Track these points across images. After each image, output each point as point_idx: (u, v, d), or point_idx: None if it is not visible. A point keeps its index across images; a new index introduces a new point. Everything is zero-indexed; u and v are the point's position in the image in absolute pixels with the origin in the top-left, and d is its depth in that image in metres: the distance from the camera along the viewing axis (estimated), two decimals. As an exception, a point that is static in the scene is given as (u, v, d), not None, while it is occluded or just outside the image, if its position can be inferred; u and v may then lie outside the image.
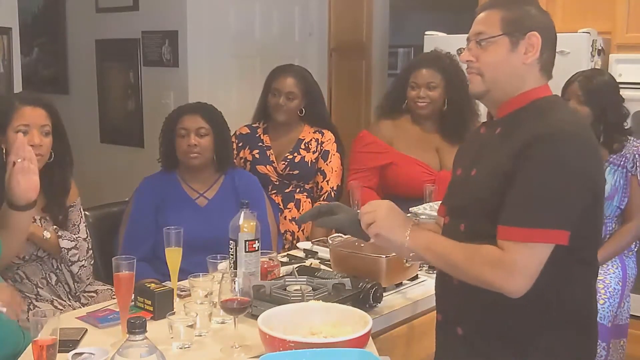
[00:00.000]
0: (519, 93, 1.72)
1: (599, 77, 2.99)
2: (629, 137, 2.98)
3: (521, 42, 1.69)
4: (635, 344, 3.23)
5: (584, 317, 1.73)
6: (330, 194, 3.22)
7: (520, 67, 1.70)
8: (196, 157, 2.72)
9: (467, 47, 1.76)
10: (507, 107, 1.73)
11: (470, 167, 1.78)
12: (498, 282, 1.60)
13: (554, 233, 1.57)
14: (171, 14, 4.22)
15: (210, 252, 2.23)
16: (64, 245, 2.34)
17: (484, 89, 1.74)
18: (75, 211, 2.47)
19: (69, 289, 2.42)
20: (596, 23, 3.87)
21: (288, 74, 3.21)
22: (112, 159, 4.71)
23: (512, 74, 1.71)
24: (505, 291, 1.60)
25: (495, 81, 1.72)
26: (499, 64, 1.70)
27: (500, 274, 1.59)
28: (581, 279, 1.71)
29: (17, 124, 2.23)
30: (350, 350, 1.51)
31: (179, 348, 1.79)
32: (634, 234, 2.97)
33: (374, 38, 5.09)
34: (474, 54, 1.73)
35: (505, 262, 1.58)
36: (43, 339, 1.60)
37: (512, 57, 1.69)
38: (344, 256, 2.29)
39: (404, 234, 1.73)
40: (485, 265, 1.61)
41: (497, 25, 1.69)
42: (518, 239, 1.58)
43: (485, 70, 1.72)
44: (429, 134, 3.26)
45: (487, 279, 1.61)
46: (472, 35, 1.74)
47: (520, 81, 1.71)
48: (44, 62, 5.12)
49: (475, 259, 1.63)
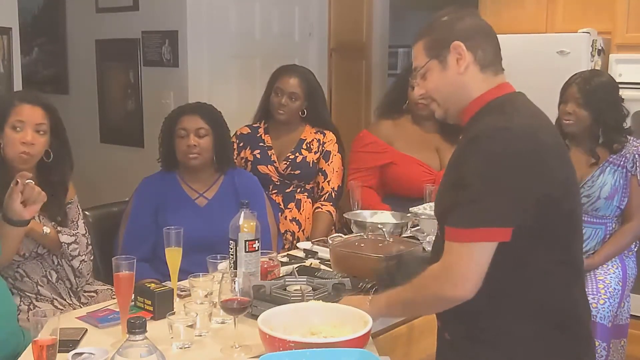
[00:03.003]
0: (471, 100, 1.74)
1: (597, 78, 2.98)
2: (628, 137, 2.97)
3: (449, 57, 1.72)
4: (636, 344, 3.23)
5: (569, 319, 1.70)
6: (331, 194, 3.22)
7: (458, 79, 1.73)
8: (196, 158, 2.72)
9: (416, 84, 1.85)
10: (466, 115, 1.76)
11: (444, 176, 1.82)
12: (447, 293, 1.60)
13: (492, 231, 1.56)
14: (171, 14, 4.22)
15: (210, 252, 2.23)
16: (64, 240, 2.35)
17: (443, 111, 1.81)
18: (73, 208, 2.47)
19: (70, 285, 2.43)
20: (596, 23, 3.88)
21: (292, 74, 3.21)
22: (112, 159, 4.71)
23: (454, 88, 1.75)
24: (456, 299, 1.60)
25: (445, 101, 1.78)
26: (440, 85, 1.76)
27: (444, 284, 1.60)
28: (560, 281, 1.68)
29: (13, 119, 2.25)
30: (350, 350, 1.51)
31: (179, 348, 1.79)
32: (634, 234, 2.97)
33: (374, 38, 5.10)
34: (421, 87, 1.81)
35: (445, 270, 1.60)
36: (43, 339, 1.60)
37: (447, 74, 1.74)
38: (344, 256, 2.29)
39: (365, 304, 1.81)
40: (430, 284, 1.65)
41: (423, 54, 1.77)
42: (457, 239, 1.59)
43: (434, 96, 1.79)
44: (429, 134, 3.26)
45: (437, 295, 1.63)
46: (414, 72, 1.83)
47: (464, 91, 1.74)
48: (44, 62, 5.12)
49: (421, 284, 1.67)
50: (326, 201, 3.20)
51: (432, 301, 1.68)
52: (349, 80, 5.13)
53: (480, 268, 1.57)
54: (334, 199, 3.22)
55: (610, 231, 2.96)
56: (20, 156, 2.25)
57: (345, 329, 1.69)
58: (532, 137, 1.61)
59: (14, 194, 2.08)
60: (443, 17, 1.77)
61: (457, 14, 1.77)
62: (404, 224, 2.80)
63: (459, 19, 1.75)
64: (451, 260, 1.60)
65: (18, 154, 2.25)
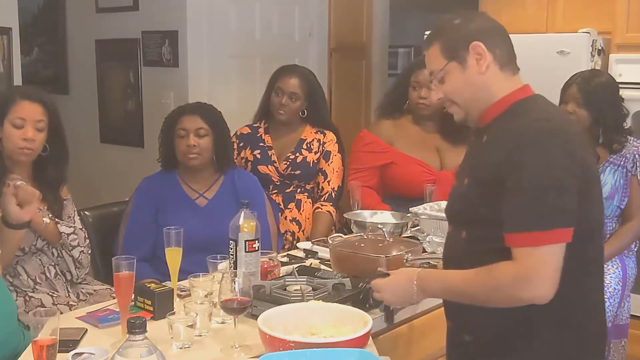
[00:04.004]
0: (494, 101, 1.73)
1: (597, 79, 2.98)
2: (628, 137, 2.97)
3: (468, 57, 1.71)
4: (636, 344, 3.23)
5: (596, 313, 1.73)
6: (331, 195, 3.22)
7: (480, 79, 1.72)
8: (195, 158, 2.72)
9: (431, 89, 1.82)
10: (488, 116, 1.75)
11: (463, 176, 1.80)
12: (525, 295, 1.58)
13: (560, 232, 1.56)
14: (171, 14, 4.22)
15: (210, 252, 2.23)
16: (63, 230, 2.40)
17: (463, 114, 1.79)
18: (69, 205, 2.51)
19: (70, 276, 2.45)
20: (596, 23, 3.88)
21: (293, 75, 3.21)
22: (112, 159, 4.71)
23: (477, 89, 1.73)
24: (535, 301, 1.59)
25: (467, 102, 1.76)
26: (461, 87, 1.74)
27: (523, 286, 1.57)
28: (590, 275, 1.70)
29: (14, 116, 2.30)
30: (350, 350, 1.51)
31: (179, 348, 1.79)
32: (634, 233, 2.97)
33: (374, 38, 5.10)
34: (439, 91, 1.78)
35: (523, 272, 1.57)
36: (43, 339, 1.60)
37: (468, 75, 1.72)
38: (344, 256, 2.29)
39: (411, 298, 1.82)
40: (506, 287, 1.60)
41: (440, 56, 1.75)
42: (528, 244, 1.57)
43: (454, 98, 1.77)
44: (430, 134, 3.26)
45: (514, 296, 1.59)
46: (429, 77, 1.81)
47: (487, 91, 1.73)
48: (44, 62, 5.12)
49: (493, 285, 1.63)
50: (326, 201, 3.20)
51: (504, 302, 1.63)
52: (349, 80, 5.13)
53: (559, 269, 1.57)
54: (334, 199, 3.22)
55: (610, 231, 2.96)
56: (22, 151, 2.31)
57: (345, 329, 1.69)
58: (575, 135, 1.65)
59: (7, 197, 2.11)
60: (455, 20, 1.76)
61: (469, 15, 1.76)
62: (404, 224, 2.80)
63: (471, 20, 1.75)
64: (532, 264, 1.56)
65: (20, 149, 2.30)
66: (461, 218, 1.78)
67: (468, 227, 1.75)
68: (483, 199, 1.67)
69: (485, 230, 1.67)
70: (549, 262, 1.57)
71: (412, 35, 5.63)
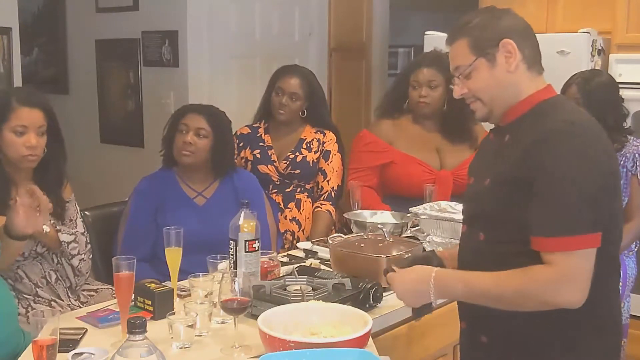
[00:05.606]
0: (519, 100, 1.71)
1: (597, 78, 2.99)
2: (628, 137, 2.97)
3: (497, 54, 1.69)
4: (635, 344, 3.23)
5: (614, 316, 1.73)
6: (330, 194, 3.22)
7: (508, 77, 1.70)
8: (188, 156, 2.70)
9: (455, 83, 1.77)
10: (511, 114, 1.72)
11: (483, 176, 1.76)
12: (560, 299, 1.56)
13: (593, 237, 1.55)
14: (171, 14, 4.22)
15: (210, 252, 2.22)
16: (64, 239, 2.36)
17: (487, 111, 1.75)
18: (71, 207, 2.49)
19: (69, 283, 2.44)
20: (596, 23, 3.88)
21: (293, 75, 3.21)
22: (112, 159, 4.71)
23: (504, 87, 1.71)
24: (568, 305, 1.57)
25: (493, 100, 1.73)
26: (488, 85, 1.71)
27: (560, 290, 1.55)
28: (609, 277, 1.69)
29: (15, 124, 2.26)
30: (350, 350, 1.51)
31: (179, 348, 1.79)
32: (634, 234, 2.97)
33: (374, 38, 5.10)
34: (463, 87, 1.75)
35: (561, 276, 1.55)
36: (43, 339, 1.60)
37: (496, 72, 1.70)
38: (344, 256, 2.29)
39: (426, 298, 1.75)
40: (539, 291, 1.57)
41: (468, 52, 1.71)
42: (564, 248, 1.55)
43: (480, 95, 1.73)
44: (430, 133, 3.26)
45: (547, 300, 1.57)
46: (453, 72, 1.77)
47: (514, 89, 1.71)
48: (44, 62, 5.12)
49: (525, 290, 1.59)
50: (325, 200, 3.20)
51: (533, 305, 1.60)
52: (349, 80, 5.13)
53: (590, 273, 1.56)
54: (333, 198, 3.22)
55: (610, 231, 2.96)
56: (27, 158, 2.28)
57: (345, 329, 1.69)
58: (602, 135, 1.64)
59: (16, 208, 2.08)
60: (484, 15, 1.74)
61: (497, 12, 1.74)
62: (404, 224, 2.80)
63: (500, 17, 1.72)
64: (569, 268, 1.55)
65: (24, 157, 2.27)
66: (481, 219, 1.74)
67: (488, 228, 1.71)
68: (509, 200, 1.64)
69: (508, 232, 1.64)
70: (585, 266, 1.55)
71: (412, 35, 5.62)
